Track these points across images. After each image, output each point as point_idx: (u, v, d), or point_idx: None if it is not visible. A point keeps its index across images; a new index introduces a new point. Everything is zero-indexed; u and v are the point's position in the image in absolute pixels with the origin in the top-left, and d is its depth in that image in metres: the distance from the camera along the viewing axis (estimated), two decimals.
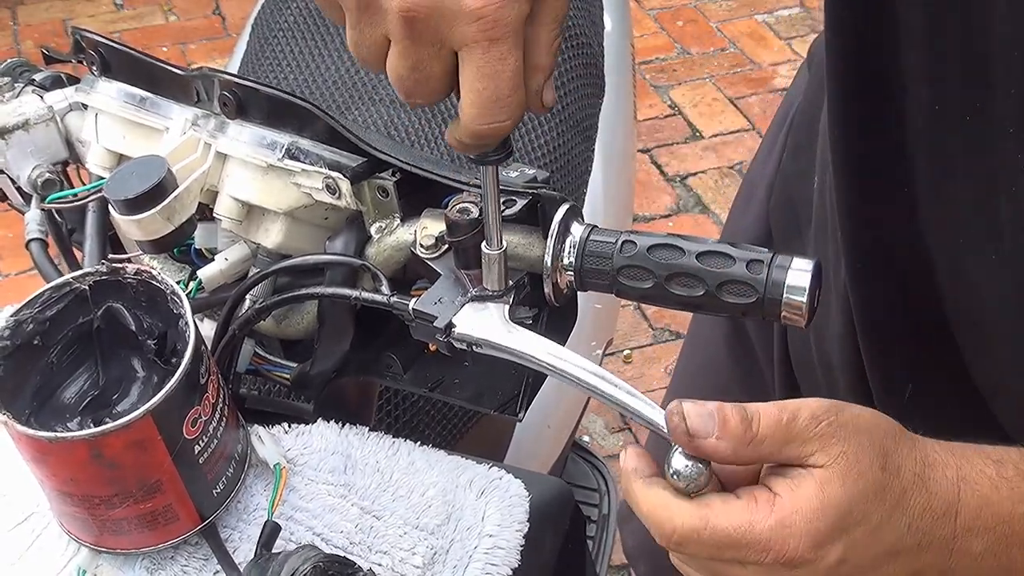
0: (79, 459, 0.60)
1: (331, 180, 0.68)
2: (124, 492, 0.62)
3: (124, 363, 0.69)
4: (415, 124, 1.16)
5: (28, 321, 0.65)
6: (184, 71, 0.74)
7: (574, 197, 1.24)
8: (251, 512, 0.69)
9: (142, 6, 3.36)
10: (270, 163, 0.69)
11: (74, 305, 0.67)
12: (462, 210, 0.65)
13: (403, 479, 0.73)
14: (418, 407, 1.10)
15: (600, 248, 0.63)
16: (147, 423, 0.60)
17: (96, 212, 0.79)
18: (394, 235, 0.71)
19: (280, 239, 0.73)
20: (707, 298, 0.61)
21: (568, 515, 0.78)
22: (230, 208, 0.72)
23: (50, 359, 0.67)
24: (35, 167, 0.81)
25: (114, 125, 0.78)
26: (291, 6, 1.32)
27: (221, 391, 0.66)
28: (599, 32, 1.38)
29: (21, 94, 0.83)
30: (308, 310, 0.76)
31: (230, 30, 3.23)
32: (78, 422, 0.66)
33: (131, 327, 0.67)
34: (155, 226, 0.67)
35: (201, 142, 0.72)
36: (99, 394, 0.68)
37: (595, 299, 1.15)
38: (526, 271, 0.67)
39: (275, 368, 0.77)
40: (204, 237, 0.77)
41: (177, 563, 0.67)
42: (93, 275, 0.66)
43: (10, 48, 3.14)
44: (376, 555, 0.69)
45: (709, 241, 0.62)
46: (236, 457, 0.69)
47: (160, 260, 0.79)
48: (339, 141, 0.70)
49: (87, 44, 0.79)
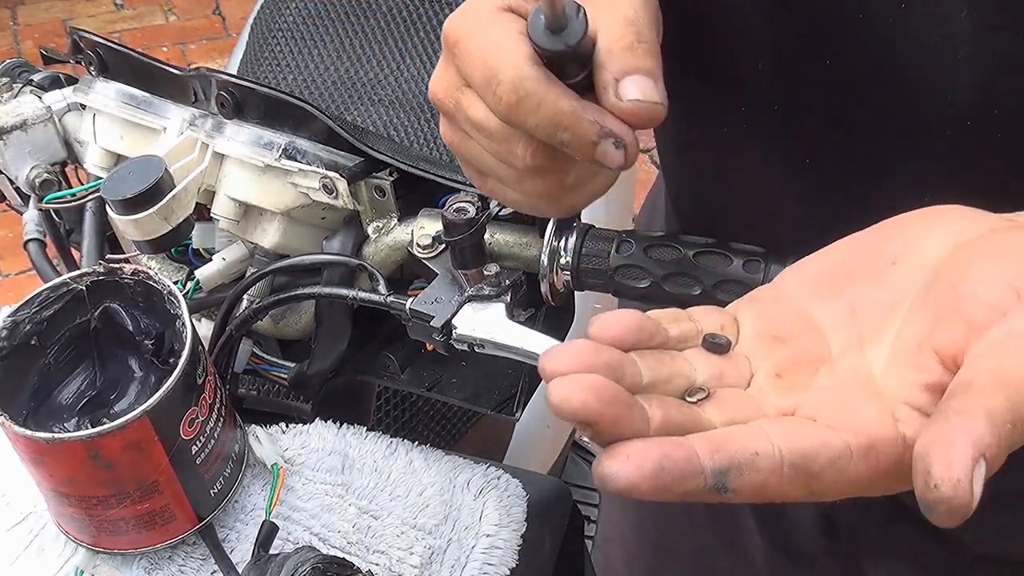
0: (76, 460, 0.60)
1: (328, 180, 0.68)
2: (121, 492, 0.62)
3: (121, 363, 0.69)
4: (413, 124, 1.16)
5: (25, 321, 0.65)
6: (181, 71, 0.74)
7: None
8: (248, 512, 0.69)
9: (142, 6, 3.36)
10: (267, 163, 0.69)
11: (72, 305, 0.67)
12: (459, 209, 0.65)
13: (401, 479, 0.72)
14: (416, 407, 1.10)
15: (597, 248, 0.63)
16: (144, 424, 0.60)
17: (94, 212, 0.79)
18: (391, 235, 0.71)
19: (277, 239, 0.73)
20: (704, 297, 0.61)
21: (567, 515, 0.78)
22: (227, 208, 0.72)
23: (47, 359, 0.67)
24: (33, 167, 0.81)
25: (112, 125, 0.78)
26: (291, 6, 1.32)
27: (218, 391, 0.66)
28: None
29: (19, 94, 0.83)
30: (305, 310, 0.76)
31: (230, 30, 3.24)
32: (75, 422, 0.66)
33: (128, 327, 0.67)
34: (152, 226, 0.67)
35: (198, 142, 0.72)
36: (96, 394, 0.68)
37: (593, 299, 1.15)
38: (523, 271, 0.67)
39: (273, 368, 0.77)
40: (201, 237, 0.77)
41: (174, 563, 0.67)
42: (91, 275, 0.66)
43: (10, 48, 3.15)
44: (374, 555, 0.69)
45: (706, 240, 0.62)
46: (233, 457, 0.69)
47: (158, 260, 0.79)
48: (336, 141, 0.70)
49: (85, 44, 0.79)
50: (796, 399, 0.44)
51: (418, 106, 1.17)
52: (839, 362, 0.45)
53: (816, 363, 0.46)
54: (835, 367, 0.45)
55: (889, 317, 0.45)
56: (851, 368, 0.45)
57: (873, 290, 0.46)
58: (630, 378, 0.42)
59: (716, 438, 0.40)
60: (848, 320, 0.46)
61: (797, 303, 0.48)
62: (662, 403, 0.42)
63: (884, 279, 0.46)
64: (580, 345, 0.42)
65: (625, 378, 0.42)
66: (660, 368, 0.44)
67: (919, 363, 0.42)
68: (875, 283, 0.46)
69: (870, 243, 0.48)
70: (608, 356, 0.42)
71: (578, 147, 0.50)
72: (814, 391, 0.44)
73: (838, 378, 0.45)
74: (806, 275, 0.49)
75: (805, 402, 0.44)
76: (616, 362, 0.42)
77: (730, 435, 0.40)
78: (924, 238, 0.46)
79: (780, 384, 0.45)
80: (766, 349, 0.46)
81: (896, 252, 0.46)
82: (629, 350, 0.44)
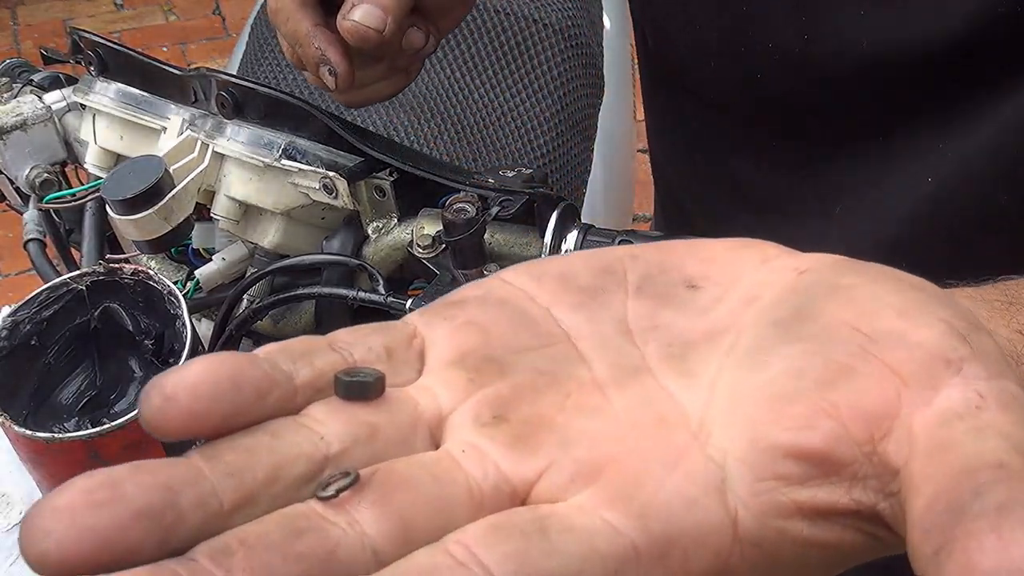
0: (76, 460, 0.60)
1: (328, 180, 0.68)
2: None
3: (121, 363, 0.69)
4: (413, 124, 1.16)
5: (25, 321, 0.65)
6: (181, 71, 0.74)
7: (573, 197, 1.24)
8: None
9: (142, 6, 3.36)
10: (267, 163, 0.69)
11: (72, 305, 0.67)
12: (459, 210, 0.65)
13: None
14: None
15: (597, 247, 0.63)
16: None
17: (94, 212, 0.79)
18: (391, 235, 0.71)
19: (277, 239, 0.73)
20: None
21: None
22: (227, 208, 0.72)
23: (47, 359, 0.67)
24: (33, 167, 0.81)
25: (112, 125, 0.78)
26: None
27: None
28: (598, 32, 1.38)
29: (19, 94, 0.83)
30: (305, 310, 0.76)
31: (230, 30, 3.23)
32: (75, 422, 0.66)
33: (128, 327, 0.67)
34: (152, 226, 0.67)
35: (198, 142, 0.72)
36: (96, 394, 0.68)
37: None
38: None
39: None
40: (201, 237, 0.77)
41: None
42: (91, 275, 0.66)
43: (10, 48, 3.14)
44: None
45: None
46: None
47: (158, 260, 0.79)
48: (336, 141, 0.70)
49: (85, 44, 0.79)
50: (540, 460, 0.27)
51: (418, 106, 1.17)
52: (612, 393, 0.29)
53: (563, 394, 0.29)
54: (607, 399, 0.29)
55: (707, 348, 0.30)
56: (639, 401, 0.28)
57: (660, 310, 0.31)
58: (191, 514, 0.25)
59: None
60: (616, 339, 0.30)
61: (526, 304, 0.31)
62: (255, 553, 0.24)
63: (678, 301, 0.31)
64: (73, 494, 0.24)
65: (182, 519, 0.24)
66: (255, 460, 0.26)
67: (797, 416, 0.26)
68: (664, 303, 0.31)
69: (637, 260, 0.33)
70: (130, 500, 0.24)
71: (307, 63, 0.64)
72: (572, 443, 0.27)
73: (615, 417, 0.28)
74: (540, 273, 0.33)
75: (559, 463, 0.26)
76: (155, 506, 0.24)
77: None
78: (732, 265, 0.32)
79: (502, 434, 0.27)
80: (472, 379, 0.29)
81: (693, 274, 0.32)
82: (219, 432, 0.27)
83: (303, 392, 0.28)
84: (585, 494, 0.26)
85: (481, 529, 0.24)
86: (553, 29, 1.24)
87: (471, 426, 0.28)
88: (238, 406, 0.26)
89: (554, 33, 1.24)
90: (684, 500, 0.25)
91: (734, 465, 0.26)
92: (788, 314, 0.29)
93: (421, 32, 0.66)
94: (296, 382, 0.28)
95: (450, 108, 1.18)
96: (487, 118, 1.20)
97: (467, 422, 0.28)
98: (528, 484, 0.26)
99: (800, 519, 0.26)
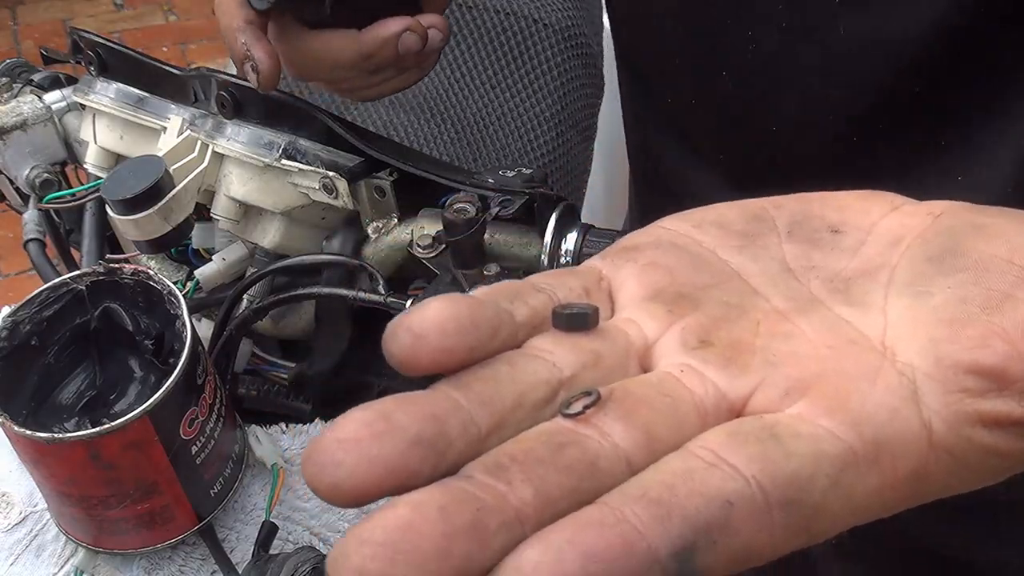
0: (76, 460, 0.60)
1: (328, 180, 0.68)
2: (121, 493, 0.62)
3: (122, 363, 0.69)
4: (413, 124, 1.16)
5: (25, 322, 0.65)
6: (181, 71, 0.74)
7: (573, 197, 1.24)
8: (248, 512, 0.69)
9: (142, 6, 3.36)
10: (267, 163, 0.69)
11: (72, 305, 0.67)
12: (459, 210, 0.65)
13: None
14: None
15: (596, 248, 0.63)
16: (144, 424, 0.60)
17: (94, 212, 0.79)
18: (391, 235, 0.71)
19: (277, 239, 0.73)
20: None
21: None
22: (227, 208, 0.72)
23: (48, 359, 0.67)
24: (33, 167, 0.81)
25: (112, 125, 0.78)
26: None
27: (218, 391, 0.66)
28: (598, 32, 1.38)
29: (19, 94, 0.83)
30: (306, 310, 0.76)
31: None
32: (76, 422, 0.66)
33: (128, 327, 0.67)
34: (152, 226, 0.67)
35: (198, 142, 0.72)
36: (97, 394, 0.68)
37: None
38: (523, 271, 0.67)
39: (273, 368, 0.77)
40: (201, 237, 0.77)
41: (175, 563, 0.67)
42: (90, 275, 0.66)
43: (10, 48, 3.15)
44: None
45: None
46: (233, 457, 0.69)
47: (158, 260, 0.79)
48: (336, 141, 0.70)
49: (85, 44, 0.79)
50: (752, 377, 0.29)
51: (418, 106, 1.17)
52: (798, 320, 0.31)
53: (754, 322, 0.31)
54: (796, 325, 0.31)
55: (867, 282, 0.32)
56: (824, 327, 0.31)
57: (812, 251, 0.34)
58: (458, 440, 0.27)
59: (658, 494, 0.25)
60: (782, 276, 0.33)
61: (695, 248, 0.34)
62: (527, 467, 0.25)
63: (826, 244, 0.34)
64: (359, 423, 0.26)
65: (451, 444, 0.26)
66: (502, 388, 0.28)
67: (973, 337, 0.29)
68: (814, 246, 0.34)
69: (782, 208, 0.36)
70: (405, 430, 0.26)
71: (235, 59, 0.65)
72: (778, 362, 0.29)
73: (808, 340, 0.30)
74: (698, 221, 0.35)
75: (770, 379, 0.29)
76: (427, 434, 0.26)
77: (676, 480, 0.25)
78: (866, 213, 0.35)
79: (712, 356, 0.29)
80: (671, 310, 0.31)
81: (834, 220, 0.35)
82: (463, 365, 0.28)
83: (523, 328, 0.30)
84: (799, 405, 0.28)
85: (720, 436, 0.27)
86: (553, 29, 1.24)
87: (680, 351, 0.30)
88: (478, 341, 0.29)
89: (554, 33, 1.24)
90: (888, 410, 0.28)
91: (923, 380, 0.29)
92: (939, 251, 0.32)
93: (416, 35, 0.66)
94: (517, 319, 0.30)
95: (450, 108, 1.18)
96: (487, 118, 1.20)
97: (675, 348, 0.30)
98: (743, 400, 0.29)
99: (982, 428, 0.29)
